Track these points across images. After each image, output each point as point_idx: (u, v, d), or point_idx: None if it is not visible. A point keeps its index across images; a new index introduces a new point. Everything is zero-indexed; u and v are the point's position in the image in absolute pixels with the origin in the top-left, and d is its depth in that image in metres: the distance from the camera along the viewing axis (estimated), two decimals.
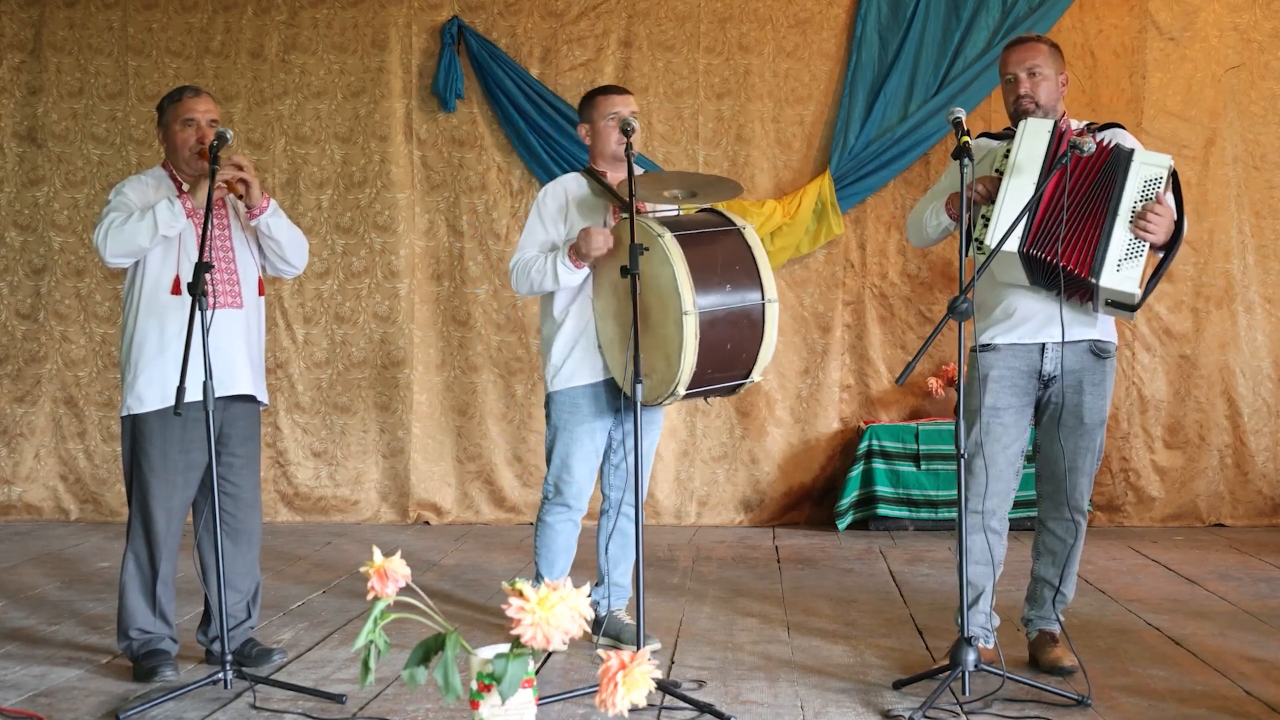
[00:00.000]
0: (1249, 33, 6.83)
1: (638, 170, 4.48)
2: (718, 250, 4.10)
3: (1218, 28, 6.82)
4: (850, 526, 6.67)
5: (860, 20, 6.83)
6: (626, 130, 4.09)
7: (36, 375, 7.13)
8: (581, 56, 6.96)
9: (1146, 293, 3.85)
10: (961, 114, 3.89)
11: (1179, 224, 3.83)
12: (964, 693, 3.67)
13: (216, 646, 4.05)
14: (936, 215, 4.10)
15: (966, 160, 3.72)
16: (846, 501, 6.68)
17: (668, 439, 6.99)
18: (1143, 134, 6.73)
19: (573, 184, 4.43)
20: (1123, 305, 3.85)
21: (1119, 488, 6.92)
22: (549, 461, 4.47)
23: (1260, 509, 6.90)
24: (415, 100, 7.01)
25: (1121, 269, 3.76)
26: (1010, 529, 4.15)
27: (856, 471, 6.70)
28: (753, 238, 4.17)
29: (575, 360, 4.34)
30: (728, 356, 4.08)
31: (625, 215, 4.27)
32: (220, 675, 3.76)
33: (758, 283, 4.09)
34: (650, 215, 4.18)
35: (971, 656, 3.66)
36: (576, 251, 4.19)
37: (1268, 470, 6.89)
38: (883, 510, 6.67)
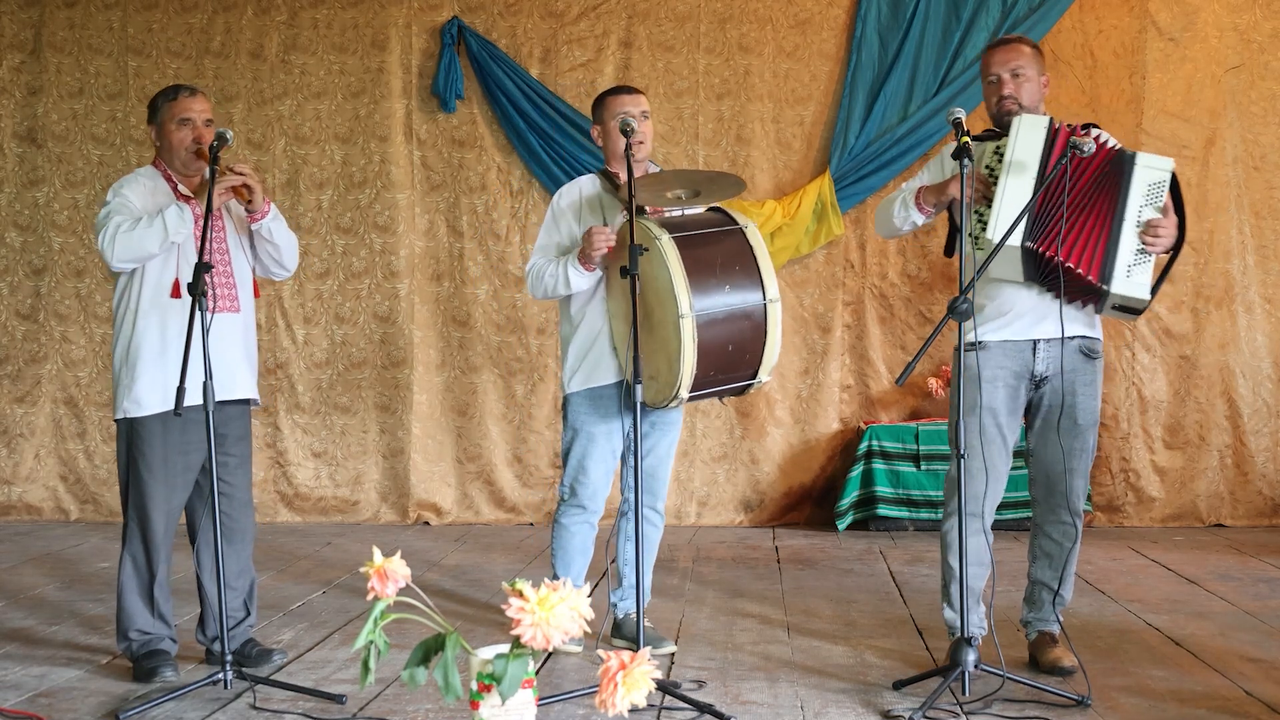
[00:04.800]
0: (1249, 33, 6.83)
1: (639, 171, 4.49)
2: (717, 251, 4.03)
3: (1218, 28, 6.82)
4: (850, 527, 6.67)
5: (860, 20, 6.83)
6: (625, 131, 4.06)
7: (36, 376, 7.13)
8: (581, 57, 6.96)
9: (1151, 294, 3.86)
10: (961, 114, 3.88)
11: (1181, 226, 3.84)
12: (964, 693, 3.67)
13: (216, 646, 4.05)
14: (906, 208, 4.07)
15: (967, 160, 3.72)
16: (846, 502, 6.68)
17: None
18: (1143, 134, 6.74)
19: (588, 185, 4.41)
20: (1129, 309, 3.87)
21: (1119, 488, 6.92)
22: (565, 463, 4.44)
23: (1260, 509, 6.89)
24: (415, 101, 7.01)
25: (1131, 274, 3.78)
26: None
27: (856, 472, 6.70)
28: (755, 237, 4.09)
29: (591, 362, 4.31)
30: (730, 358, 4.02)
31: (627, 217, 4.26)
32: (220, 675, 3.76)
33: (758, 283, 4.01)
34: (654, 217, 4.16)
35: (971, 657, 3.66)
36: (583, 253, 4.19)
37: (1268, 470, 6.89)
38: (883, 511, 6.67)
